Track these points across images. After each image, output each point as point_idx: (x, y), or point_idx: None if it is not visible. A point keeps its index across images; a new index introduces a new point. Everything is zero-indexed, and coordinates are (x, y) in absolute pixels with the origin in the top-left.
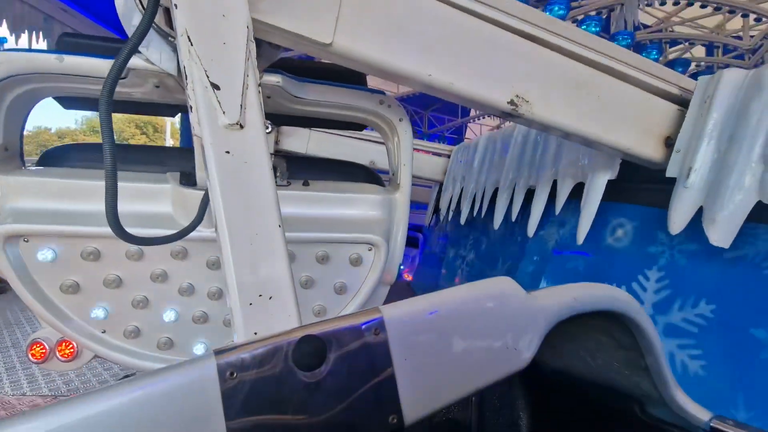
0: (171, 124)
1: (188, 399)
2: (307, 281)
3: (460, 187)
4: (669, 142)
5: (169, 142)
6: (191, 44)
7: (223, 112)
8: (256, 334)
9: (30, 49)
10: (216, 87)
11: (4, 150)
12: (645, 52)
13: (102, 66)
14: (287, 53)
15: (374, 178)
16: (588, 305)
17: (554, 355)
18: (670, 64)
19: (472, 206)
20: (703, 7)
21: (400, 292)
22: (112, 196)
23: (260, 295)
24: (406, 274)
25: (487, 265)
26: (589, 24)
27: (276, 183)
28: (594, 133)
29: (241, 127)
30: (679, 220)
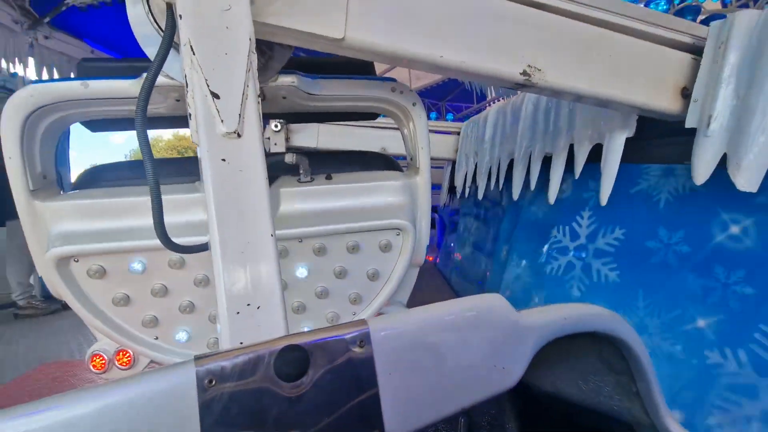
0: None
1: (164, 408)
2: (341, 271)
3: (474, 163)
4: (686, 93)
5: None
6: (193, 53)
7: (222, 121)
8: (242, 344)
9: (55, 79)
10: (216, 96)
11: (42, 178)
12: (653, 3)
13: (125, 87)
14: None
15: (393, 165)
16: (578, 326)
17: (545, 378)
18: (680, 13)
19: (488, 180)
20: None
21: (424, 273)
22: (158, 210)
23: (248, 305)
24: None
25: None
26: None
27: (300, 180)
28: (609, 93)
29: (239, 136)
30: (704, 170)
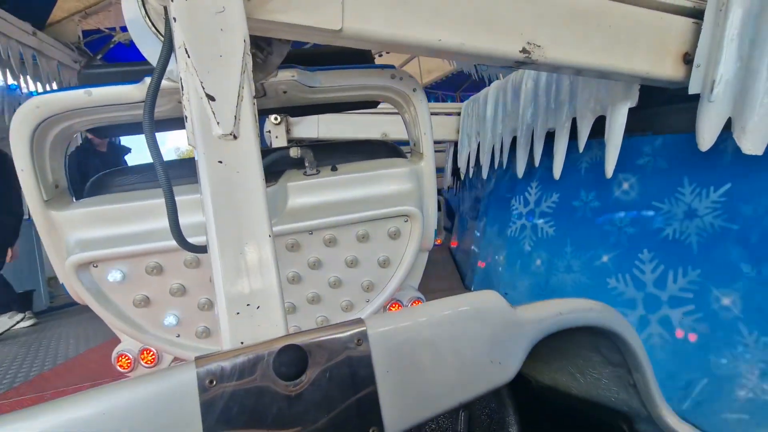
0: None
1: (166, 408)
2: (353, 261)
3: (477, 143)
4: (688, 59)
5: None
6: (188, 56)
7: (218, 123)
8: (242, 343)
9: (58, 89)
10: (211, 98)
11: (54, 187)
12: None
13: (127, 92)
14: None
15: (397, 152)
16: (573, 320)
17: (543, 372)
18: None
19: (492, 159)
20: None
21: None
22: (172, 212)
23: (248, 305)
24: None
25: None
26: None
27: (306, 173)
28: (610, 64)
29: (235, 137)
30: (709, 136)
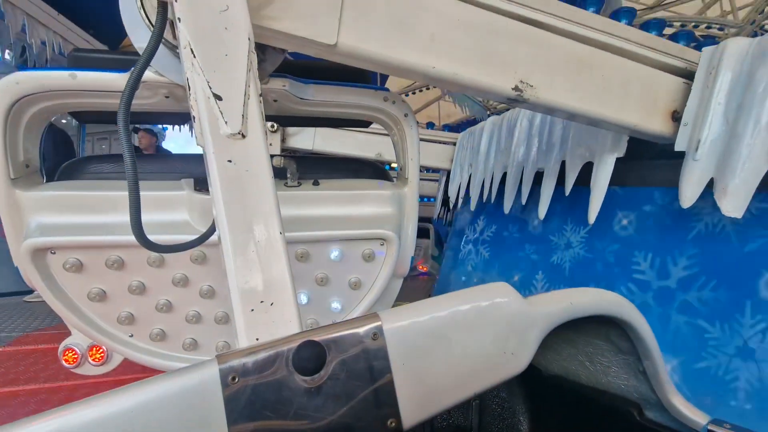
0: None
1: (191, 403)
2: (323, 279)
3: (468, 174)
4: (676, 116)
5: None
6: (194, 56)
7: (225, 122)
8: (258, 339)
9: (43, 68)
10: (218, 98)
11: (25, 167)
12: (646, 27)
13: (114, 80)
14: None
15: (382, 174)
16: (584, 310)
17: (553, 360)
18: (674, 38)
19: (481, 192)
20: None
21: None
22: (135, 209)
23: (262, 302)
24: (421, 265)
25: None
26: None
27: (287, 184)
28: (600, 113)
29: (243, 136)
30: (690, 193)
